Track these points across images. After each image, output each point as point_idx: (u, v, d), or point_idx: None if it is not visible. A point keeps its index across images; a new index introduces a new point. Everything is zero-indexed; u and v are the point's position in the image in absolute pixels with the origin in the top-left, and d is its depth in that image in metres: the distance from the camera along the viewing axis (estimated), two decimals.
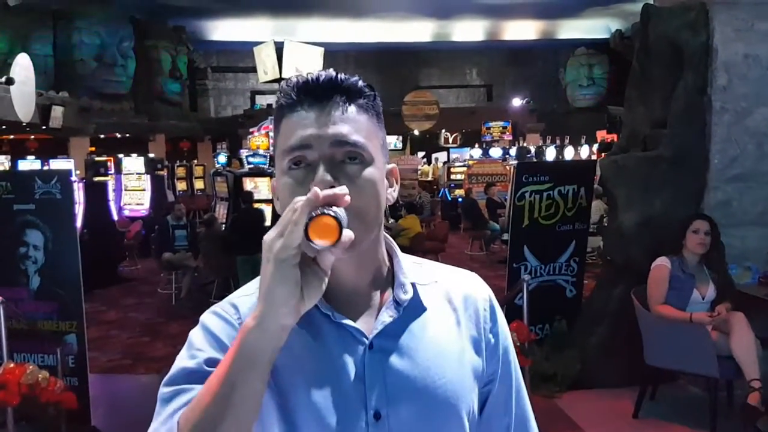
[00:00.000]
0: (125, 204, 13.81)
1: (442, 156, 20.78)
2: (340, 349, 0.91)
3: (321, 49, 20.14)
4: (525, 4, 18.26)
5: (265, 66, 19.56)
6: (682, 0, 4.84)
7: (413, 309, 0.96)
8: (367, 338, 0.92)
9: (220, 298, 4.34)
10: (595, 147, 15.28)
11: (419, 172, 17.41)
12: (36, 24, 15.99)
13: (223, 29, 21.06)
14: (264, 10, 18.81)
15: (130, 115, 18.25)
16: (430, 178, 18.89)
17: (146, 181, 13.97)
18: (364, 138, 0.90)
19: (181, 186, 18.44)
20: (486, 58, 23.89)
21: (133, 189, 14.03)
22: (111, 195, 12.18)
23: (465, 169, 16.89)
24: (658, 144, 4.82)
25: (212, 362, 0.86)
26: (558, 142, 16.46)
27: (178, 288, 8.68)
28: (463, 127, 21.36)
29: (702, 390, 4.53)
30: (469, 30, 21.57)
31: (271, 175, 9.13)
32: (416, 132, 19.70)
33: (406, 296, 0.95)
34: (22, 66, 11.85)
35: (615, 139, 13.43)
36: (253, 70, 21.20)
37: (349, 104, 0.91)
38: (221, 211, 9.50)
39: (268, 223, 8.62)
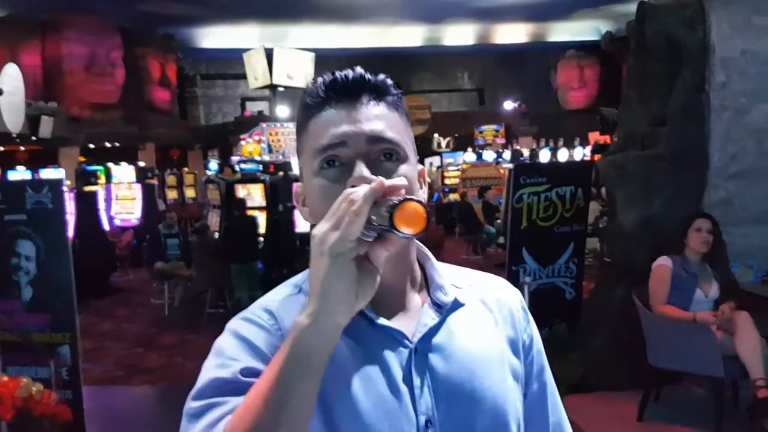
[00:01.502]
0: (116, 213, 13.67)
1: (435, 161, 20.77)
2: (384, 354, 0.87)
3: (311, 55, 20.11)
4: (515, 7, 18.33)
5: (255, 72, 19.50)
6: None
7: (453, 311, 0.94)
8: (410, 341, 0.89)
9: (215, 307, 4.28)
10: (589, 149, 15.29)
11: None
12: (24, 34, 15.89)
13: (212, 36, 21.03)
14: (253, 17, 18.78)
15: (119, 124, 18.18)
16: None
17: (137, 190, 13.85)
18: (398, 135, 0.89)
19: (171, 194, 18.31)
20: (477, 62, 23.96)
21: (123, 198, 13.89)
22: (101, 205, 12.06)
23: (459, 173, 16.87)
24: (657, 143, 4.79)
25: (249, 372, 0.81)
26: (552, 144, 16.47)
27: (171, 298, 8.58)
28: (455, 131, 21.36)
29: (706, 391, 4.47)
30: (460, 34, 21.63)
31: (263, 182, 9.05)
32: None
33: (447, 298, 0.93)
34: (11, 76, 11.75)
35: (608, 141, 13.45)
36: (243, 76, 21.15)
37: (380, 101, 0.90)
38: (214, 219, 9.40)
39: (261, 230, 8.55)
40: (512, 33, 21.52)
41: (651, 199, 4.71)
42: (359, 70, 0.91)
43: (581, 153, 15.13)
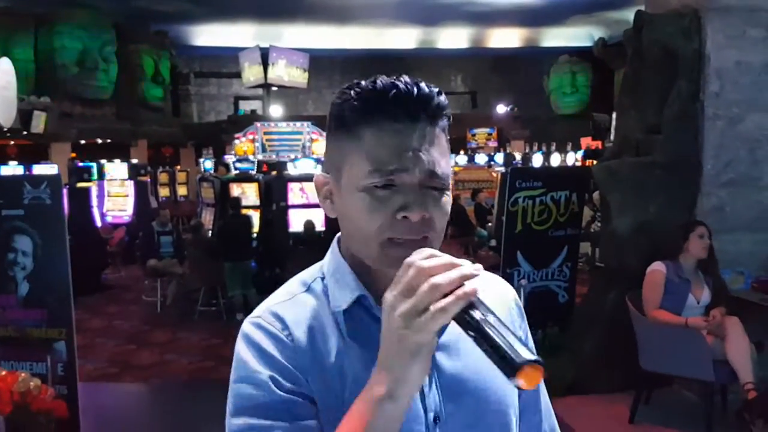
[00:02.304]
0: (108, 210, 13.64)
1: None
2: None
3: (306, 55, 20.13)
4: (509, 11, 18.41)
5: (249, 71, 19.51)
6: (675, 7, 4.87)
7: None
8: None
9: (207, 305, 4.30)
10: (580, 154, 15.38)
11: None
12: (17, 28, 15.82)
13: (207, 34, 20.99)
14: (248, 16, 18.77)
15: (111, 120, 18.11)
16: None
17: (129, 187, 13.82)
18: (448, 167, 0.88)
19: (164, 192, 18.26)
20: (470, 65, 24.04)
21: (115, 195, 13.86)
22: (94, 201, 12.02)
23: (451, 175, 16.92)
24: (651, 150, 4.84)
25: (277, 383, 0.84)
26: (544, 148, 16.55)
27: (164, 295, 8.56)
28: (448, 134, 21.44)
29: (696, 395, 4.54)
30: (453, 37, 21.70)
31: (257, 181, 9.06)
32: None
33: None
34: (4, 71, 11.71)
35: (600, 146, 13.53)
36: (237, 75, 21.18)
37: (436, 125, 0.88)
38: (207, 218, 9.41)
39: (255, 229, 8.56)
40: (506, 37, 21.61)
41: (645, 205, 4.77)
42: (421, 83, 0.87)
43: (573, 158, 15.22)
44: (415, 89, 0.85)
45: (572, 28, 20.24)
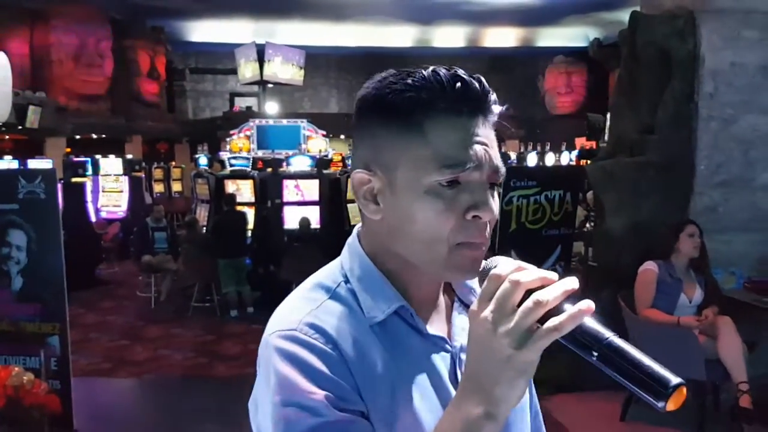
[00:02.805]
0: (102, 206, 13.62)
1: None
2: (431, 361, 0.87)
3: (302, 52, 20.11)
4: (505, 11, 18.43)
5: (245, 68, 19.48)
6: (669, 8, 4.89)
7: None
8: (450, 345, 0.89)
9: (201, 301, 4.31)
10: (574, 153, 15.42)
11: None
12: (12, 23, 15.75)
13: (203, 30, 20.95)
14: (244, 12, 18.73)
15: (106, 115, 18.06)
16: None
17: (124, 183, 13.80)
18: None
19: (158, 188, 18.22)
20: (467, 65, 23.36)
21: (110, 191, 13.84)
22: (89, 196, 12.00)
23: None
24: (645, 150, 4.86)
25: (332, 402, 0.77)
26: (539, 148, 16.59)
27: (158, 291, 8.57)
28: None
29: (689, 394, 4.56)
30: (450, 36, 21.71)
31: (253, 178, 9.06)
32: None
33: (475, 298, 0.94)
34: None
35: (594, 146, 13.55)
36: (233, 72, 21.14)
37: (492, 120, 0.84)
38: (202, 214, 9.40)
39: (250, 225, 8.56)
40: (502, 37, 21.64)
41: (638, 204, 4.79)
42: (483, 80, 0.83)
43: (568, 157, 15.25)
44: (477, 83, 0.81)
45: (568, 28, 20.28)
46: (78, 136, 17.29)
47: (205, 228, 8.79)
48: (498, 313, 0.69)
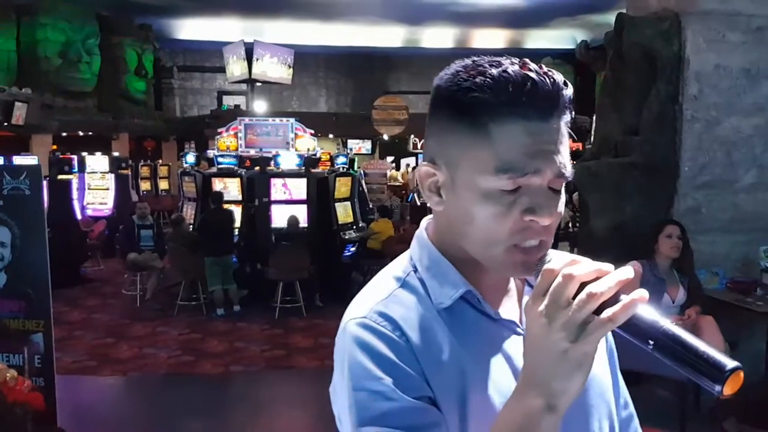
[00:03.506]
0: (88, 203, 13.55)
1: (411, 161, 20.86)
2: (504, 345, 0.88)
3: (291, 51, 20.06)
4: (493, 13, 18.48)
5: (234, 66, 19.43)
6: (655, 10, 4.93)
7: None
8: (522, 328, 0.89)
9: (187, 299, 4.30)
10: None
11: (388, 176, 17.42)
12: None
13: (191, 28, 20.87)
14: (233, 10, 18.68)
15: (93, 112, 17.95)
16: (399, 183, 18.94)
17: (110, 180, 13.73)
18: (570, 165, 0.83)
19: (145, 186, 18.14)
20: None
21: (96, 188, 13.78)
22: (74, 194, 11.93)
23: None
24: (630, 151, 4.90)
25: (401, 388, 0.80)
26: None
27: (143, 289, 8.53)
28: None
29: (671, 393, 4.61)
30: (438, 37, 21.75)
31: (240, 176, 9.03)
32: (386, 137, 19.70)
33: None
34: None
35: (581, 147, 13.62)
36: (221, 70, 21.06)
37: (564, 120, 0.82)
38: (189, 212, 9.36)
39: (237, 224, 8.54)
40: (490, 38, 21.71)
41: (623, 205, 4.83)
42: (555, 76, 0.80)
43: None
44: (549, 81, 0.79)
45: (555, 30, 20.38)
46: (64, 134, 17.18)
47: (191, 226, 8.75)
48: (552, 308, 0.70)
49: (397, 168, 20.90)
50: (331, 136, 21.30)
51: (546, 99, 0.79)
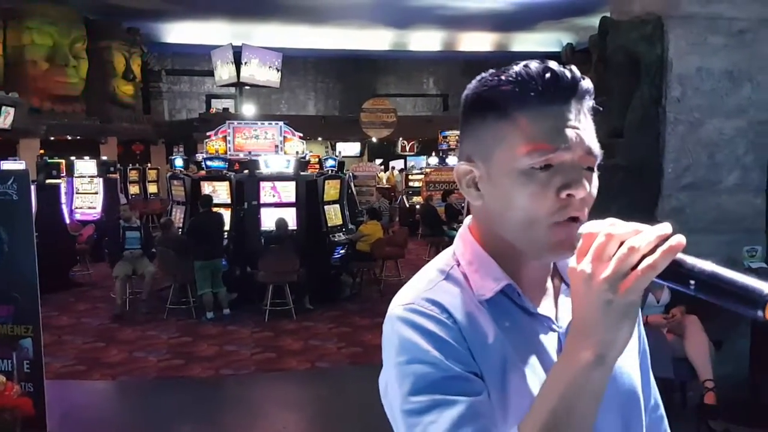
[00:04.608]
0: (77, 207, 13.50)
1: (398, 164, 20.90)
2: (539, 339, 0.92)
3: (279, 55, 20.08)
4: (480, 16, 18.58)
5: (222, 70, 19.42)
6: (638, 13, 4.99)
7: None
8: (557, 325, 0.93)
9: (177, 303, 4.33)
10: None
11: (377, 178, 17.46)
12: None
13: (179, 32, 20.84)
14: (221, 14, 18.67)
15: (81, 117, 17.90)
16: (387, 185, 18.99)
17: (98, 185, 13.69)
18: (599, 147, 0.89)
19: (133, 189, 18.10)
20: (442, 68, 24.20)
21: (84, 192, 13.73)
22: (63, 198, 11.88)
23: (422, 176, 17.06)
24: (614, 153, 4.95)
25: (451, 361, 0.84)
26: None
27: (133, 293, 8.50)
28: (419, 136, 21.53)
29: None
30: (426, 40, 21.82)
31: (229, 180, 9.04)
32: (374, 139, 19.74)
33: None
34: None
35: None
36: (209, 73, 21.06)
37: (585, 106, 0.89)
38: (178, 215, 9.36)
39: (227, 227, 8.55)
40: (477, 41, 21.81)
41: (607, 206, 4.81)
42: (575, 69, 0.88)
43: None
44: (568, 72, 0.87)
45: (541, 33, 20.51)
46: (52, 138, 17.12)
47: (181, 230, 8.75)
48: (595, 263, 0.73)
49: (386, 170, 20.95)
50: (319, 139, 21.33)
51: (566, 87, 0.86)
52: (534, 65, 0.86)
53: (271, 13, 18.17)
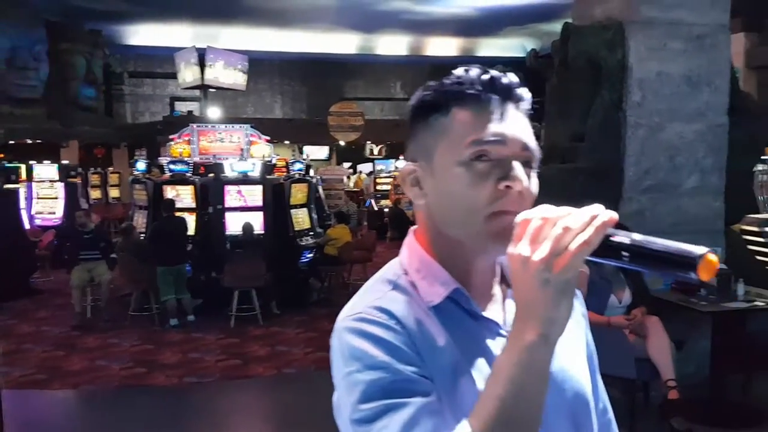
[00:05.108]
0: (37, 213, 13.22)
1: (366, 167, 20.91)
2: (486, 344, 0.93)
3: (245, 57, 19.91)
4: (445, 21, 18.68)
5: (186, 72, 19.19)
6: (600, 19, 5.07)
7: None
8: (505, 330, 0.93)
9: (139, 310, 4.27)
10: None
11: (345, 182, 17.45)
12: None
13: (142, 34, 20.55)
14: (185, 16, 18.47)
15: (42, 120, 17.52)
16: (355, 189, 18.97)
17: (59, 189, 13.43)
18: (537, 147, 0.93)
19: (95, 194, 17.77)
20: (410, 72, 24.26)
21: (45, 197, 13.46)
22: (22, 203, 11.64)
23: (391, 179, 17.10)
24: (577, 157, 5.02)
25: (400, 364, 0.84)
26: None
27: (94, 300, 8.33)
28: (387, 139, 21.56)
29: (619, 392, 4.72)
30: (393, 44, 21.87)
31: (193, 183, 8.94)
32: (342, 143, 19.71)
33: None
34: None
35: None
36: (173, 76, 20.77)
37: (522, 109, 0.94)
38: (140, 220, 9.21)
39: (191, 232, 8.44)
40: (443, 46, 21.91)
41: None
42: (512, 76, 0.93)
43: None
44: (502, 76, 0.92)
45: (506, 39, 20.70)
46: (11, 142, 16.75)
47: (143, 235, 8.60)
48: (532, 245, 0.75)
49: (354, 174, 20.94)
50: (287, 142, 21.21)
51: (503, 88, 0.92)
52: (474, 69, 0.92)
53: (235, 16, 18.03)
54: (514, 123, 0.91)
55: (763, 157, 9.35)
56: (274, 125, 19.24)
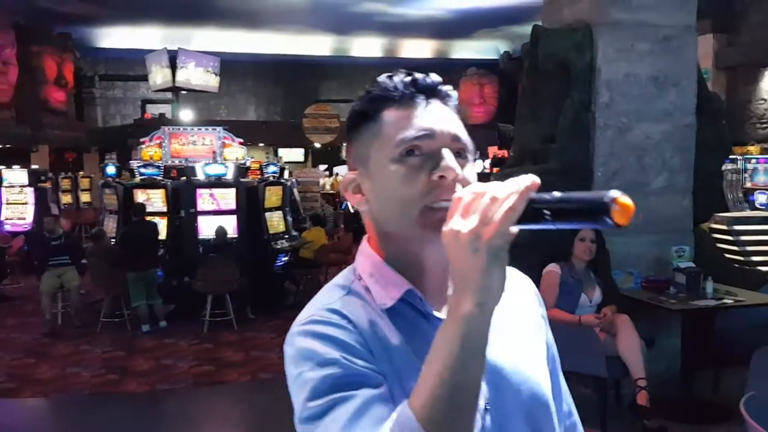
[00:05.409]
0: (6, 219, 13.00)
1: (342, 169, 20.88)
2: None
3: (217, 59, 19.80)
4: (419, 24, 18.74)
5: (157, 74, 19.03)
6: (569, 21, 5.11)
7: None
8: None
9: (111, 316, 4.21)
10: (488, 162, 15.82)
11: (321, 184, 17.39)
12: None
13: (113, 36, 20.32)
14: (156, 18, 18.30)
15: (11, 124, 17.23)
16: (331, 191, 18.92)
17: (29, 194, 13.22)
18: (466, 137, 0.96)
19: (66, 199, 17.49)
20: (384, 74, 24.31)
21: (14, 203, 13.24)
22: None
23: None
24: (548, 158, 5.05)
25: (349, 360, 0.85)
26: None
27: (65, 307, 8.19)
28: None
29: (591, 390, 4.76)
30: (367, 46, 21.89)
31: (164, 187, 8.85)
32: (317, 145, 19.65)
33: None
34: None
35: (506, 155, 13.94)
36: (144, 78, 20.60)
37: (449, 105, 0.98)
38: (110, 225, 9.08)
39: (162, 236, 8.35)
40: (417, 48, 21.98)
41: None
42: (432, 75, 0.98)
43: (481, 166, 15.62)
44: (426, 77, 0.97)
45: (479, 41, 20.83)
46: None
47: (113, 239, 8.49)
48: (462, 219, 0.76)
49: (330, 176, 20.89)
50: (261, 144, 21.12)
51: (426, 87, 0.96)
52: (398, 74, 0.96)
53: (207, 18, 17.90)
54: (441, 117, 0.94)
55: (731, 157, 9.54)
56: (248, 127, 19.16)
